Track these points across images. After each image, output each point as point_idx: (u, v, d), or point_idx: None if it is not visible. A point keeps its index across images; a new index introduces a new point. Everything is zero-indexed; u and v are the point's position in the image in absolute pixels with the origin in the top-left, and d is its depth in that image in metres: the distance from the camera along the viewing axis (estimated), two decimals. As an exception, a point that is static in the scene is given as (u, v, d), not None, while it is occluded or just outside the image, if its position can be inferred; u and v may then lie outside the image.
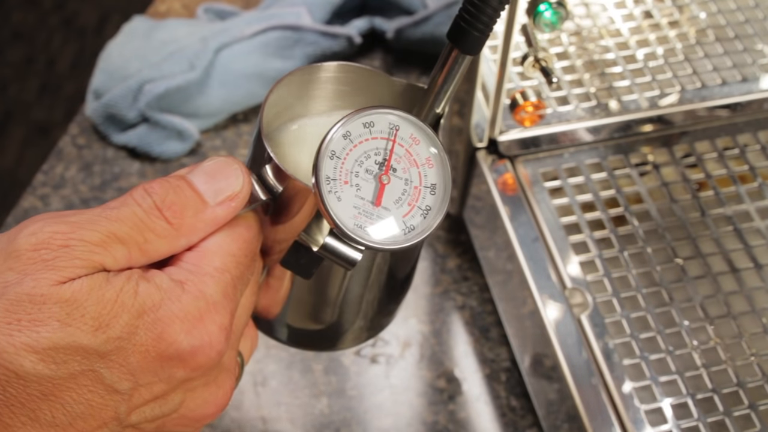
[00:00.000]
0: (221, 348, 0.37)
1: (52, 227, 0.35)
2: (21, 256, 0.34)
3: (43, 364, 0.33)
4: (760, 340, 0.59)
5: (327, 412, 0.66)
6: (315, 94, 0.45)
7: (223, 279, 0.38)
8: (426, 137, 0.40)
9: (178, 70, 0.77)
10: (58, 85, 1.95)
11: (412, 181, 0.39)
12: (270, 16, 0.81)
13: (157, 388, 0.36)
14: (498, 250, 0.66)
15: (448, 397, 0.67)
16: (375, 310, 0.50)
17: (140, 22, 0.83)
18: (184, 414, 0.39)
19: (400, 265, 0.48)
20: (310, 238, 0.40)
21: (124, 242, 0.36)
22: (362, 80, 0.44)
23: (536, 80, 0.68)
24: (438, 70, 0.40)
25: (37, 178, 0.78)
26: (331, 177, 0.38)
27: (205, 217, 0.38)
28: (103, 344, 0.34)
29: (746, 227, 0.64)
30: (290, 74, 0.43)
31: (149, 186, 0.37)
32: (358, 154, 0.39)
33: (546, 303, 0.60)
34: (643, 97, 0.68)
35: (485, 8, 0.37)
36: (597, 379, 0.57)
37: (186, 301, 0.36)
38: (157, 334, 0.35)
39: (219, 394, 0.40)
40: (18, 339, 0.33)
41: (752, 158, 0.68)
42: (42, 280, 0.33)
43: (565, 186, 0.65)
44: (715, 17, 0.74)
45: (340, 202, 0.38)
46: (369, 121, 0.39)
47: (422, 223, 0.39)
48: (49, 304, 0.33)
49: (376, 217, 0.38)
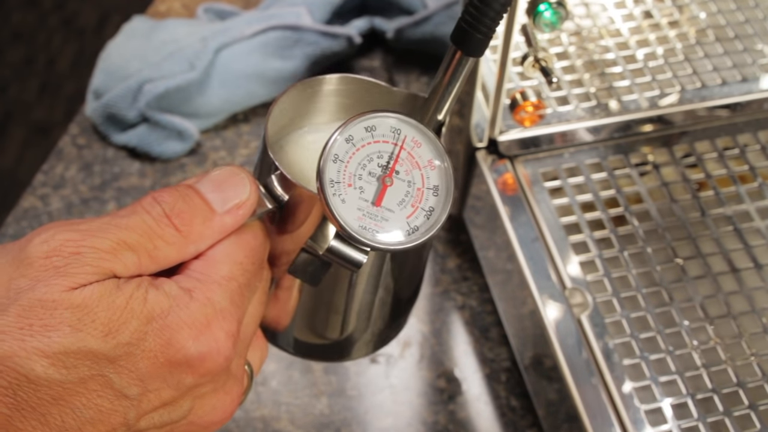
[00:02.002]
0: (229, 354, 0.38)
1: (64, 235, 0.35)
2: (33, 263, 0.35)
3: (53, 369, 0.33)
4: (760, 340, 0.59)
5: (327, 412, 0.66)
6: (318, 106, 0.46)
7: (230, 287, 0.38)
8: (427, 140, 0.40)
9: (178, 70, 0.77)
10: (58, 85, 1.95)
11: (415, 183, 0.40)
12: (270, 16, 0.81)
13: (166, 394, 0.37)
14: (498, 250, 0.66)
15: (448, 397, 0.67)
16: (383, 322, 0.50)
17: (140, 22, 0.83)
18: (193, 421, 0.39)
19: (407, 274, 0.49)
20: (317, 245, 0.40)
21: (134, 249, 0.36)
22: (364, 92, 0.45)
23: (536, 80, 0.68)
24: (442, 72, 0.41)
25: (37, 178, 0.78)
26: (334, 180, 0.38)
27: (213, 225, 0.39)
28: (112, 349, 0.35)
29: (746, 227, 0.64)
30: (293, 87, 0.44)
31: (158, 194, 0.38)
32: (361, 157, 0.39)
33: (546, 303, 0.60)
34: (643, 97, 0.68)
35: (488, 11, 0.38)
36: (597, 379, 0.57)
37: (194, 308, 0.37)
38: (166, 340, 0.36)
39: (227, 400, 0.40)
40: (30, 343, 0.33)
41: (752, 158, 0.68)
42: (54, 286, 0.34)
43: (565, 186, 0.65)
44: (715, 17, 0.74)
45: (344, 204, 0.38)
46: (371, 125, 0.40)
47: (425, 223, 0.40)
48: (61, 310, 0.34)
49: (380, 218, 0.39)
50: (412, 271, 0.49)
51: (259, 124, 0.83)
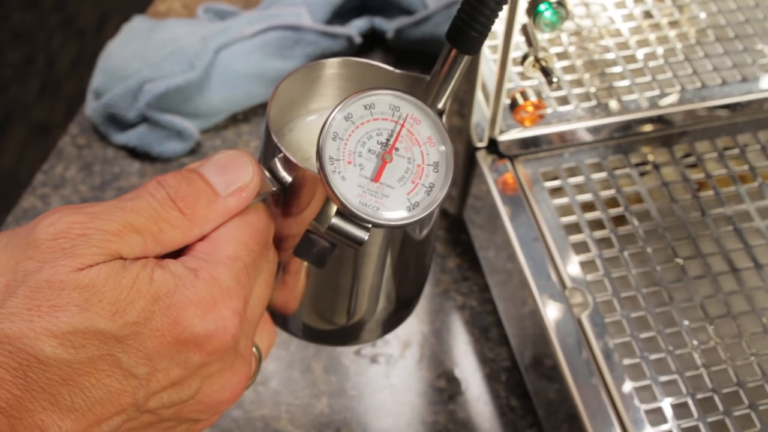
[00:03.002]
0: (235, 332, 0.38)
1: (70, 218, 0.36)
2: (40, 246, 0.35)
3: (62, 348, 0.34)
4: (760, 340, 0.59)
5: (327, 412, 0.66)
6: (320, 90, 0.46)
7: (235, 266, 0.39)
8: (426, 116, 0.41)
9: (178, 70, 0.77)
10: (58, 85, 1.95)
11: (415, 159, 0.40)
12: (270, 16, 0.81)
13: (174, 373, 0.37)
14: (498, 250, 0.66)
15: (448, 397, 0.67)
16: (391, 305, 0.51)
17: (140, 22, 0.83)
18: (201, 400, 0.40)
19: (414, 255, 0.49)
20: (321, 226, 0.40)
21: (140, 232, 0.37)
22: (366, 74, 0.45)
23: (536, 80, 0.68)
24: (437, 69, 0.41)
25: (37, 178, 0.78)
26: (334, 158, 0.39)
27: (217, 207, 0.39)
28: (120, 329, 0.35)
29: (746, 227, 0.64)
30: (295, 71, 0.44)
31: (163, 178, 0.38)
32: (361, 134, 0.40)
33: (546, 303, 0.60)
34: (643, 97, 0.68)
35: (483, 9, 0.38)
36: (597, 379, 0.57)
37: (200, 287, 0.37)
38: (173, 319, 0.36)
39: (235, 380, 0.41)
40: (38, 324, 0.33)
41: (752, 158, 0.68)
42: (61, 267, 0.34)
43: (565, 186, 0.65)
44: (715, 17, 0.74)
45: (344, 182, 0.39)
46: (370, 103, 0.40)
47: (426, 199, 0.40)
48: (68, 290, 0.34)
49: (381, 195, 0.39)
50: (419, 252, 0.49)
51: (259, 123, 0.83)
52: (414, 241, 0.47)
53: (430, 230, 0.48)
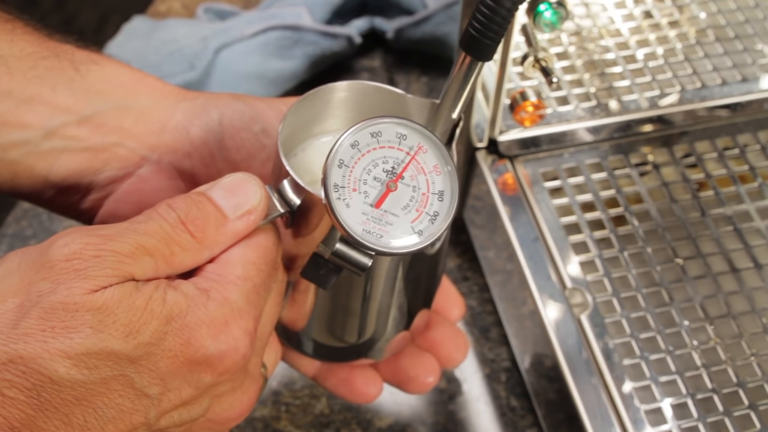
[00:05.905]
0: (246, 352, 0.39)
1: (84, 239, 0.36)
2: (54, 267, 0.35)
3: (76, 369, 0.34)
4: (760, 340, 0.59)
5: (327, 412, 0.66)
6: (330, 113, 0.47)
7: (245, 286, 0.39)
8: (433, 146, 0.41)
9: (178, 70, 0.77)
10: (58, 85, 1.94)
11: (420, 188, 0.40)
12: (270, 16, 0.81)
13: (186, 392, 0.37)
14: (498, 250, 0.66)
15: (448, 397, 0.67)
16: (401, 326, 0.51)
17: (140, 22, 0.83)
18: (210, 418, 0.40)
19: (422, 276, 0.49)
20: (328, 249, 0.41)
21: (152, 254, 0.37)
22: (377, 98, 0.46)
23: (536, 80, 0.68)
24: (451, 78, 0.41)
25: (37, 178, 0.78)
26: (339, 185, 0.39)
27: (226, 230, 0.40)
28: (133, 350, 0.35)
29: (746, 227, 0.64)
30: (307, 95, 0.45)
31: (173, 201, 0.39)
32: (366, 162, 0.40)
33: (546, 303, 0.60)
34: (643, 97, 0.68)
35: (495, 17, 0.38)
36: (597, 379, 0.57)
37: (211, 308, 0.38)
38: (185, 340, 0.37)
39: (244, 399, 0.41)
40: (52, 345, 0.34)
41: (752, 158, 0.68)
42: (75, 289, 0.35)
43: (565, 186, 0.65)
44: (715, 17, 0.74)
45: (348, 209, 0.39)
46: (377, 131, 0.40)
47: (430, 228, 0.40)
48: (82, 312, 0.34)
49: (385, 222, 0.39)
50: (430, 274, 0.50)
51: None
52: (424, 264, 0.48)
53: (441, 247, 0.48)
